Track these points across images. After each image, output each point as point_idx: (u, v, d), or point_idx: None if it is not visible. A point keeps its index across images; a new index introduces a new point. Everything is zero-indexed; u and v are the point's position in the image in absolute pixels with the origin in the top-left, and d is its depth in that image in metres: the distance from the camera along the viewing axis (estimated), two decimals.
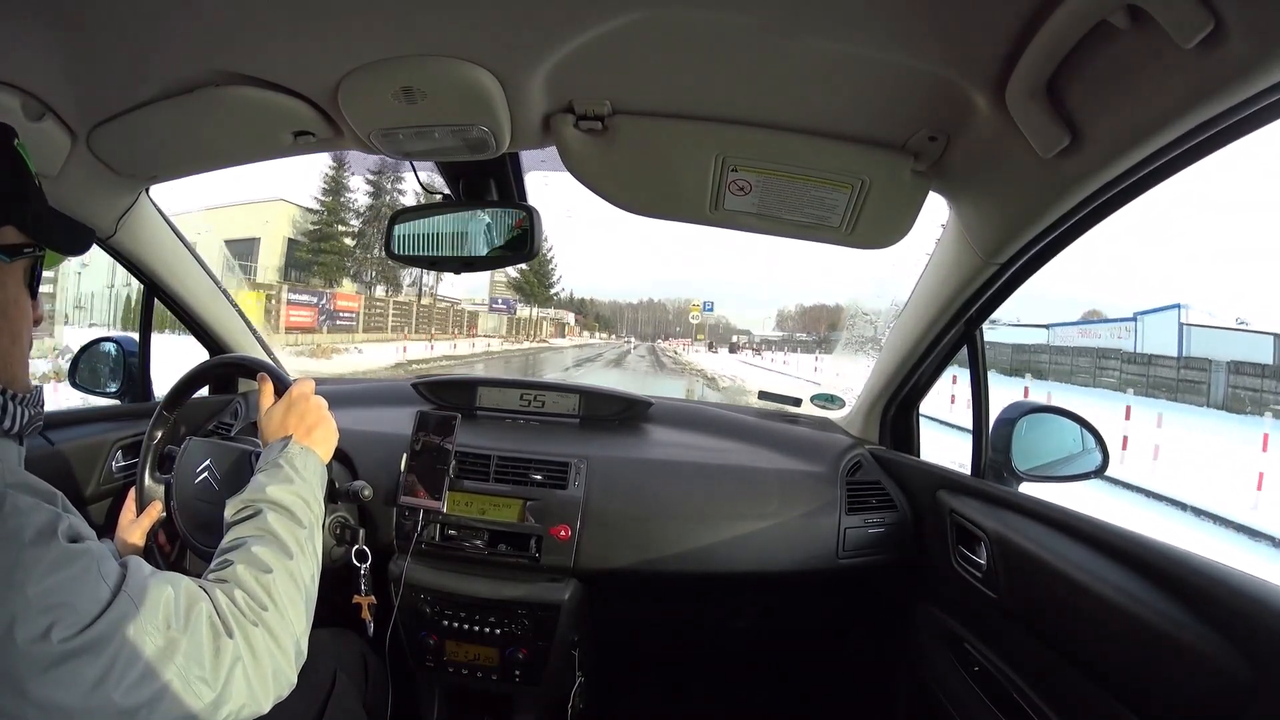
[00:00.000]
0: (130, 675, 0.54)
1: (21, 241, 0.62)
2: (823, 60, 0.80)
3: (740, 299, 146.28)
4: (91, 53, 0.83)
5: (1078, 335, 28.69)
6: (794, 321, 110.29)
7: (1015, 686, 0.95)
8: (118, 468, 1.35)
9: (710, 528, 1.25)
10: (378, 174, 27.62)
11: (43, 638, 0.50)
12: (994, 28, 0.69)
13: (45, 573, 0.52)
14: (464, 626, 1.23)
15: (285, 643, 0.66)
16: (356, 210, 27.99)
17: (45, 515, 0.55)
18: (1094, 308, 52.33)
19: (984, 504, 1.10)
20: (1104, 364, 23.20)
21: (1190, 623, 0.67)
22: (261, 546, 0.72)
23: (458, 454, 1.27)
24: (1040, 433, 1.19)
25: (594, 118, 0.95)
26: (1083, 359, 24.44)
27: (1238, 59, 0.55)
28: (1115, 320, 27.14)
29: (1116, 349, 23.88)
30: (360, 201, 28.10)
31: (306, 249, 26.07)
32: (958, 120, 0.86)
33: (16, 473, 0.58)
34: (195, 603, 0.61)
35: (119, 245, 1.32)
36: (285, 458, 0.82)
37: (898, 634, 1.33)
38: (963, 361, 1.28)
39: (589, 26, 0.76)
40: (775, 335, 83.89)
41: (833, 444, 1.46)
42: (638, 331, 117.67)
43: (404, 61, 0.83)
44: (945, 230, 1.14)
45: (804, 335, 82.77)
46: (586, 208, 27.87)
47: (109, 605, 0.54)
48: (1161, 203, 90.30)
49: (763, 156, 0.98)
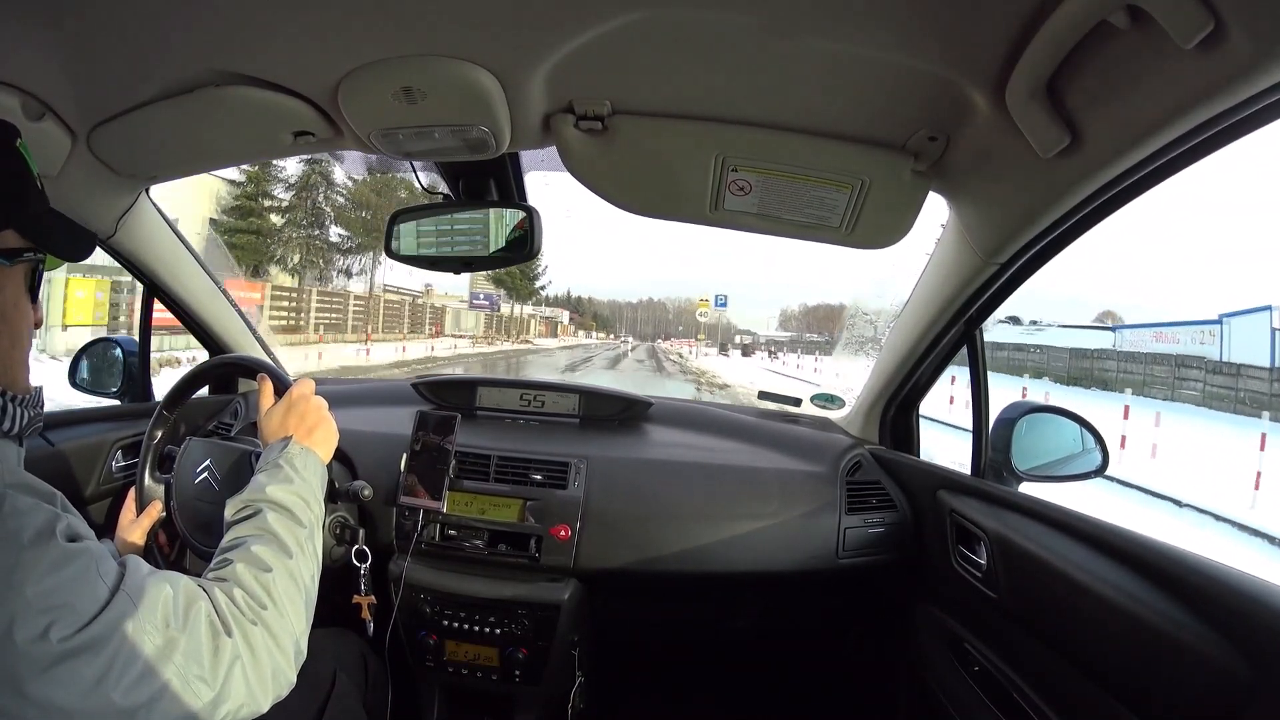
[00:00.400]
0: (129, 674, 0.54)
1: (22, 245, 0.62)
2: (823, 60, 0.80)
3: (741, 299, 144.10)
4: (91, 53, 0.83)
5: (1151, 340, 25.20)
6: (798, 321, 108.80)
7: (1015, 686, 0.95)
8: (118, 468, 1.35)
9: (710, 528, 1.25)
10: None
11: (41, 638, 0.50)
12: (994, 28, 0.69)
13: (44, 573, 0.52)
14: (464, 626, 1.23)
15: (285, 642, 0.66)
16: (285, 181, 21.32)
17: (44, 515, 0.55)
18: (1108, 309, 51.28)
19: (984, 504, 1.10)
20: (1184, 374, 20.18)
21: (1190, 623, 0.67)
22: (261, 546, 0.71)
23: (458, 454, 1.27)
24: (1040, 432, 1.19)
25: (594, 118, 0.95)
26: (1159, 367, 21.21)
27: (1238, 59, 0.55)
28: (1197, 323, 23.58)
29: (1200, 356, 20.58)
30: (290, 171, 21.26)
31: (225, 229, 19.78)
32: (958, 120, 0.86)
33: (16, 473, 0.58)
34: (194, 602, 0.61)
35: (119, 245, 1.32)
36: (285, 458, 0.82)
37: (898, 634, 1.33)
38: (962, 360, 1.28)
39: (589, 26, 0.76)
40: (781, 335, 79.93)
41: (833, 444, 1.46)
42: (636, 331, 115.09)
43: (404, 61, 0.83)
44: (945, 230, 1.14)
45: (815, 336, 79.25)
46: (585, 207, 23.17)
47: (107, 604, 0.54)
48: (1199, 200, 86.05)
49: (763, 156, 0.98)
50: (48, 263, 0.68)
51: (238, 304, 1.63)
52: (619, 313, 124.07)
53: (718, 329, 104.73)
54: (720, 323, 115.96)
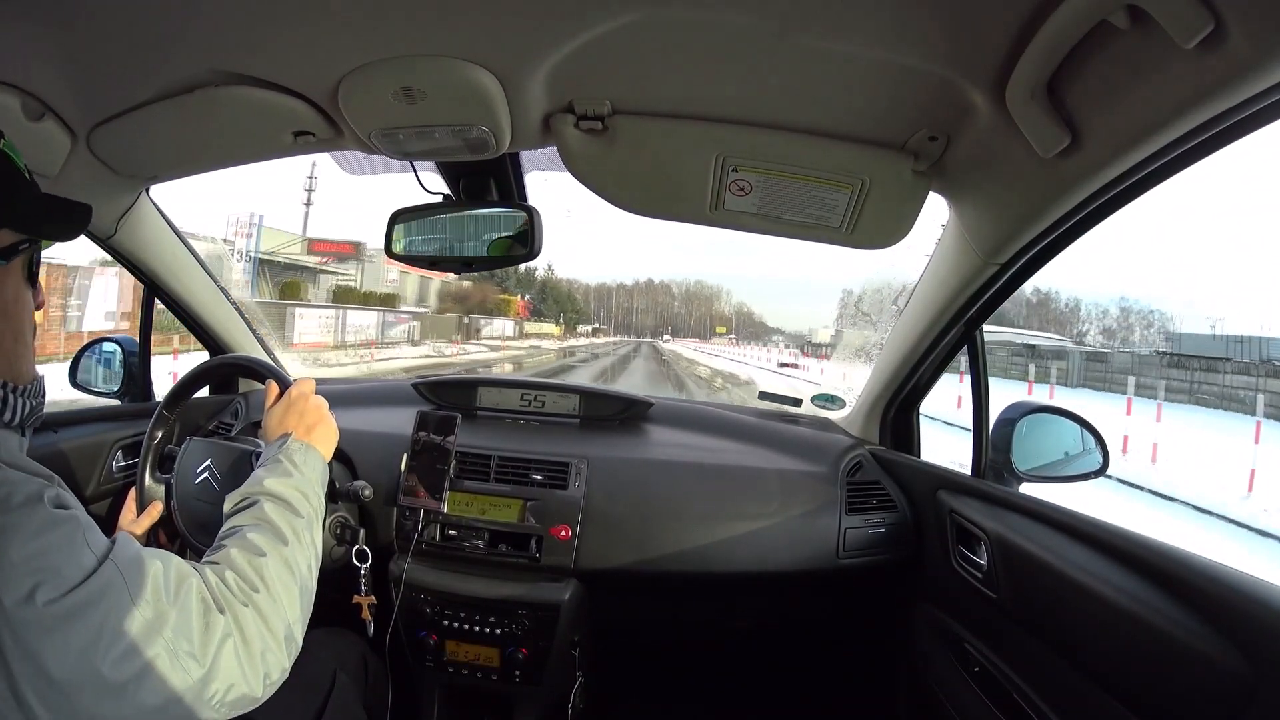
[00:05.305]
0: (118, 646, 0.53)
1: (16, 240, 0.62)
2: (823, 60, 0.80)
3: (770, 295, 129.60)
4: (91, 53, 0.83)
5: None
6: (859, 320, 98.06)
7: (1015, 686, 0.95)
8: (118, 468, 1.35)
9: (710, 528, 1.25)
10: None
11: (28, 600, 0.50)
12: (994, 28, 0.69)
13: (30, 536, 0.52)
14: (464, 626, 1.23)
15: (276, 626, 0.65)
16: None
17: (34, 485, 0.55)
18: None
19: (984, 504, 1.10)
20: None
21: (1190, 623, 0.67)
22: (256, 533, 0.71)
23: (458, 454, 1.27)
24: (1040, 433, 1.19)
25: (594, 118, 0.95)
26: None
27: (1238, 59, 0.55)
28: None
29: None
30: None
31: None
32: (958, 120, 0.86)
33: (14, 455, 0.59)
34: (185, 578, 0.60)
35: (119, 245, 1.32)
36: (285, 453, 0.83)
37: (898, 634, 1.33)
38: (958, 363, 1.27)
39: (589, 27, 0.76)
40: (827, 338, 49.32)
41: (833, 444, 1.46)
42: (631, 326, 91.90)
43: (404, 61, 0.83)
44: (945, 230, 1.14)
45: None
46: (578, 199, 18.46)
47: (94, 572, 0.54)
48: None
49: (763, 157, 0.98)
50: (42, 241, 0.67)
51: (238, 304, 1.63)
52: (606, 299, 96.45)
53: (728, 322, 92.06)
54: (740, 310, 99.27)
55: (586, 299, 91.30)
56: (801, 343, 52.77)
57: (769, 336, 74.44)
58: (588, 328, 76.26)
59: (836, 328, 43.75)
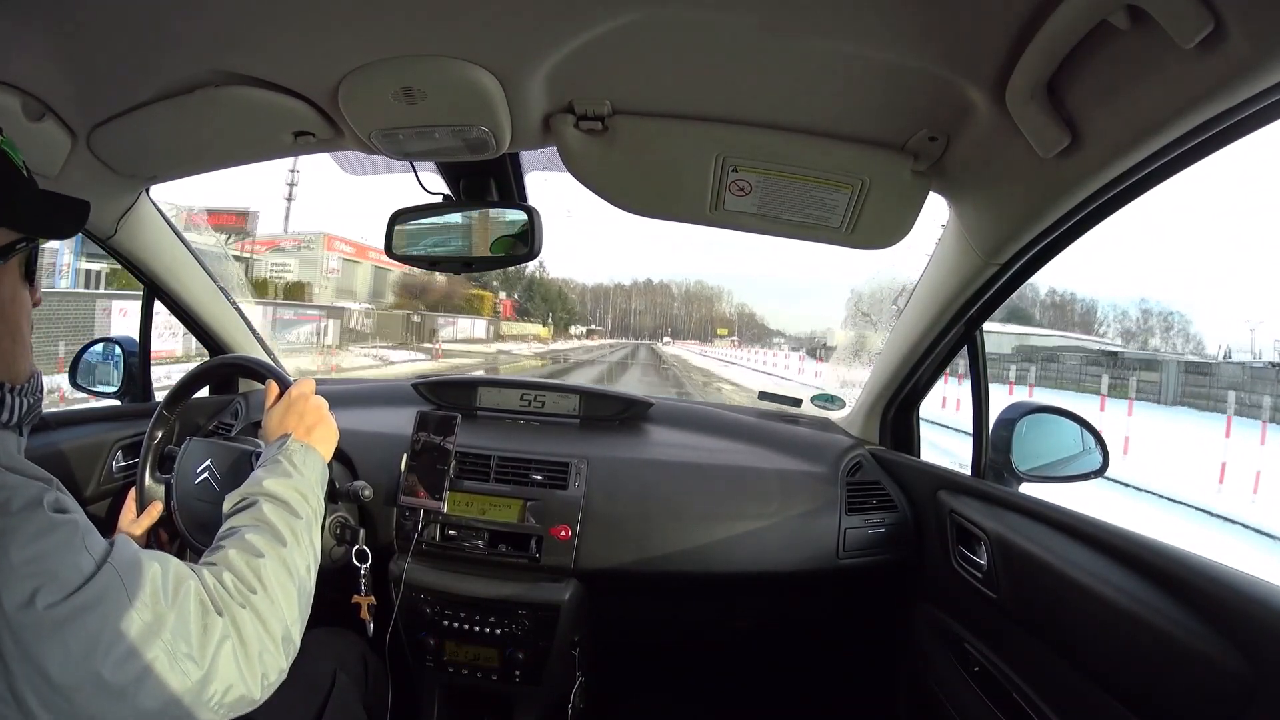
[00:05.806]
0: (117, 649, 0.54)
1: (14, 239, 0.62)
2: (823, 60, 0.80)
3: (773, 295, 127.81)
4: (91, 53, 0.83)
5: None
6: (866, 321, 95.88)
7: (1015, 686, 0.95)
8: (118, 468, 1.35)
9: (711, 528, 1.25)
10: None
11: (28, 604, 0.50)
12: (994, 28, 0.69)
13: (29, 540, 0.52)
14: (464, 627, 1.23)
15: (273, 627, 0.65)
16: None
17: (33, 489, 0.55)
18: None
19: (984, 504, 1.10)
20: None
21: (1190, 623, 0.67)
22: (255, 534, 0.71)
23: (458, 454, 1.27)
24: (1040, 433, 1.19)
25: (594, 118, 0.95)
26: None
27: (1238, 59, 0.55)
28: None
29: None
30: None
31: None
32: (958, 120, 0.86)
33: (13, 458, 0.59)
34: (183, 581, 0.60)
35: (119, 245, 1.32)
36: (284, 454, 0.83)
37: (898, 634, 1.33)
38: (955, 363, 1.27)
39: (589, 27, 0.76)
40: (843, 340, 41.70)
41: (833, 444, 1.46)
42: (628, 327, 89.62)
43: (404, 61, 0.83)
44: (945, 230, 1.14)
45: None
46: (578, 200, 16.15)
47: (93, 575, 0.54)
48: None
49: (763, 157, 0.98)
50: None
51: (238, 304, 1.63)
52: (604, 299, 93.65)
53: (723, 324, 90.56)
54: (741, 312, 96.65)
55: (583, 299, 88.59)
56: (810, 345, 49.61)
57: (771, 339, 72.82)
58: (581, 329, 71.83)
59: (855, 330, 43.05)
